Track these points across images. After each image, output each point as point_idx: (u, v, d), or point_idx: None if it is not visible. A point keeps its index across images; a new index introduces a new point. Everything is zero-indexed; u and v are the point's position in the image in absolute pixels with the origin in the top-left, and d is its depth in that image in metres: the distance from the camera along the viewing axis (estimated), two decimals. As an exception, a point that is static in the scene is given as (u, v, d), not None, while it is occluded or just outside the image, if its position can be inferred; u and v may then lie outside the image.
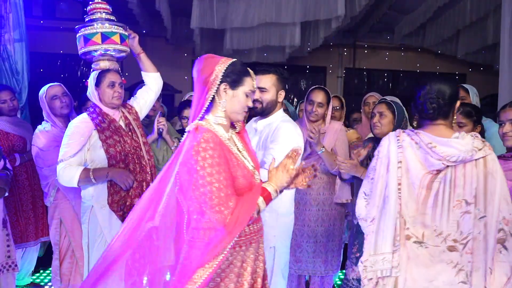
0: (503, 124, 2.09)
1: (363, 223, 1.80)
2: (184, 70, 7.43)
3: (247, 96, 1.63)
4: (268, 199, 1.55)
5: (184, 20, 6.27)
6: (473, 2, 5.40)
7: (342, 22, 5.19)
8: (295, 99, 7.78)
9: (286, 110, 3.94)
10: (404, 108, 2.59)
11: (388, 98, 2.95)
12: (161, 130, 2.85)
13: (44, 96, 2.91)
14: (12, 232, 2.93)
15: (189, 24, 5.01)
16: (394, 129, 2.45)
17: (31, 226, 3.18)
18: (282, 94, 2.25)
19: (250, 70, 1.66)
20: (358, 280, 2.54)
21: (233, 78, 1.58)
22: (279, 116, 2.28)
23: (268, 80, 2.20)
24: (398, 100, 2.80)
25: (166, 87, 3.08)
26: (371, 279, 1.70)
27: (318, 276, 2.92)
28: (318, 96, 2.79)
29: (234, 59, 1.62)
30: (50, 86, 2.95)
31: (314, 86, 2.89)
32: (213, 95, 1.57)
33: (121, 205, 2.36)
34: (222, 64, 1.58)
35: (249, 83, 1.62)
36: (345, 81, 8.02)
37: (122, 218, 2.36)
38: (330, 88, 7.47)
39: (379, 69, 8.18)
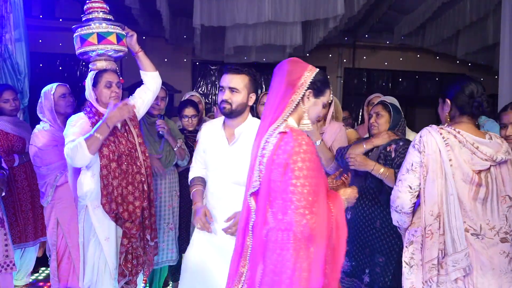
0: (505, 127, 2.09)
1: (403, 216, 1.89)
2: (183, 70, 7.43)
3: (323, 107, 1.69)
4: None
5: (184, 20, 6.27)
6: (472, 2, 5.39)
7: (341, 22, 5.19)
8: (295, 99, 7.76)
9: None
10: (400, 108, 2.62)
11: (388, 99, 2.97)
12: (161, 132, 2.87)
13: (52, 94, 2.91)
14: (11, 232, 2.95)
15: (189, 24, 5.01)
16: (390, 128, 2.50)
17: (30, 226, 3.18)
18: (253, 97, 2.14)
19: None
20: (345, 272, 2.53)
21: (318, 87, 1.63)
22: (255, 122, 2.16)
23: (240, 81, 2.08)
24: (395, 101, 2.82)
25: (165, 87, 3.07)
26: (455, 278, 1.77)
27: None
28: None
29: (318, 69, 1.66)
30: (58, 84, 2.97)
31: None
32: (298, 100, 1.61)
33: (114, 206, 2.34)
34: (310, 71, 1.63)
35: (328, 95, 1.69)
36: (344, 81, 8.01)
37: (115, 219, 2.35)
38: (329, 88, 7.48)
39: (379, 69, 8.17)
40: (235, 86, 2.07)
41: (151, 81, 2.64)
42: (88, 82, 2.46)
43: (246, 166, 1.91)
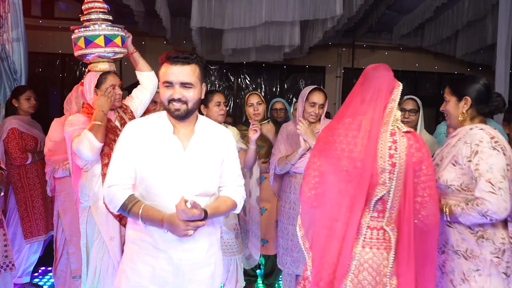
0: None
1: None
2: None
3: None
4: None
5: (184, 21, 6.26)
6: (471, 2, 5.40)
7: (340, 22, 5.20)
8: (294, 99, 7.77)
9: (284, 110, 3.95)
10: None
11: None
12: None
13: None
14: (22, 228, 3.23)
15: (188, 24, 5.01)
16: None
17: (42, 221, 3.33)
18: (203, 89, 1.79)
19: None
20: None
21: (400, 97, 1.74)
22: (206, 120, 1.88)
23: (192, 72, 1.69)
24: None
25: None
26: None
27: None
28: (320, 98, 2.79)
29: None
30: None
31: (313, 87, 2.85)
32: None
33: None
34: (397, 82, 1.78)
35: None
36: (343, 81, 8.01)
37: (119, 219, 2.34)
38: (328, 88, 7.49)
39: (378, 69, 8.16)
40: (188, 80, 1.68)
41: (147, 81, 2.66)
42: (90, 83, 2.44)
43: (208, 173, 1.72)
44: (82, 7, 2.53)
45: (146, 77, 2.67)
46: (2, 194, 2.57)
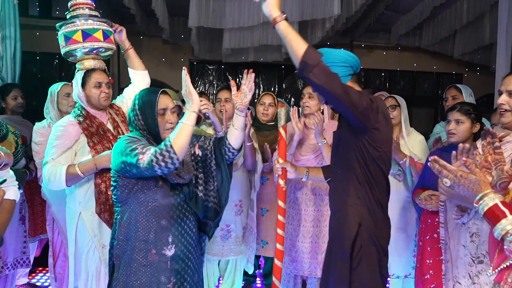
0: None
1: None
2: (181, 69, 7.37)
3: None
4: None
5: (182, 20, 6.26)
6: (469, 2, 5.41)
7: (338, 22, 5.20)
8: (292, 99, 7.77)
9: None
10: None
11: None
12: (207, 114, 2.63)
13: (57, 92, 2.89)
14: None
15: (186, 23, 5.01)
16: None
17: (30, 223, 3.20)
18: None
19: None
20: None
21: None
22: None
23: None
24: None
25: (163, 86, 3.07)
26: None
27: (315, 277, 2.89)
28: (309, 88, 2.77)
29: None
30: (64, 84, 2.95)
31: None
32: None
33: (108, 216, 2.20)
34: None
35: None
36: (342, 80, 8.02)
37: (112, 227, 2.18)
38: (327, 87, 7.47)
39: (376, 69, 8.17)
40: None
41: (140, 81, 2.53)
42: (76, 82, 2.31)
43: None
44: (68, 5, 2.41)
45: (139, 76, 2.53)
46: (22, 190, 2.53)
